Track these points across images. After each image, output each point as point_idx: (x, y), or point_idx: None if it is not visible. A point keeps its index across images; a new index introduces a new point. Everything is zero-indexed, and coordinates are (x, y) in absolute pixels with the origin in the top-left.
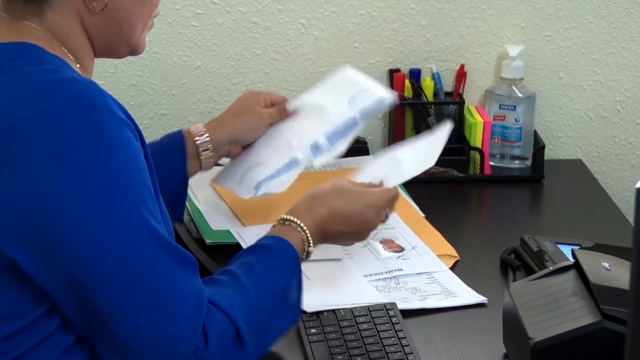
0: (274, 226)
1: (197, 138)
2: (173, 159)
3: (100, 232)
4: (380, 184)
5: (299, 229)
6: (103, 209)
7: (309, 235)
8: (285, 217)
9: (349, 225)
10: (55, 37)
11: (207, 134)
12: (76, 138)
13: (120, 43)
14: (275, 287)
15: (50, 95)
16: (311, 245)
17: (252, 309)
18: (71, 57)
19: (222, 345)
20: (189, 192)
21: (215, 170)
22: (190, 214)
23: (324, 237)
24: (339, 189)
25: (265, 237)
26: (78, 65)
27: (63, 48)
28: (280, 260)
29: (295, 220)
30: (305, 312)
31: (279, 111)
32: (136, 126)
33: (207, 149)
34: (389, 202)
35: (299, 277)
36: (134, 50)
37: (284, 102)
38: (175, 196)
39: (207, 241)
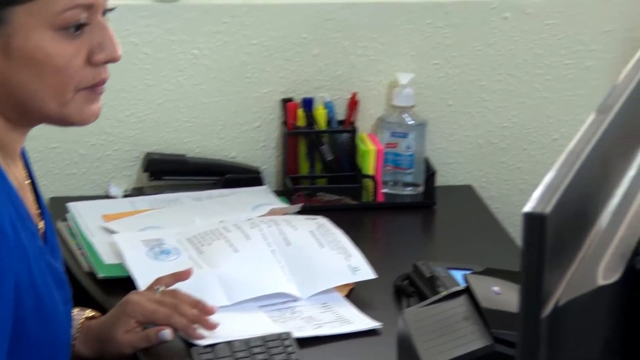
0: None
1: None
2: None
3: None
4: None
5: None
6: None
7: None
8: None
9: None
10: None
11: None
12: None
13: (33, 114)
14: None
15: None
16: None
17: None
18: None
19: None
20: (81, 224)
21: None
22: (82, 248)
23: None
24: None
25: None
26: None
27: None
28: None
29: None
30: (198, 345)
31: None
32: (19, 237)
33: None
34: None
35: None
36: (66, 122)
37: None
38: None
39: (99, 275)
